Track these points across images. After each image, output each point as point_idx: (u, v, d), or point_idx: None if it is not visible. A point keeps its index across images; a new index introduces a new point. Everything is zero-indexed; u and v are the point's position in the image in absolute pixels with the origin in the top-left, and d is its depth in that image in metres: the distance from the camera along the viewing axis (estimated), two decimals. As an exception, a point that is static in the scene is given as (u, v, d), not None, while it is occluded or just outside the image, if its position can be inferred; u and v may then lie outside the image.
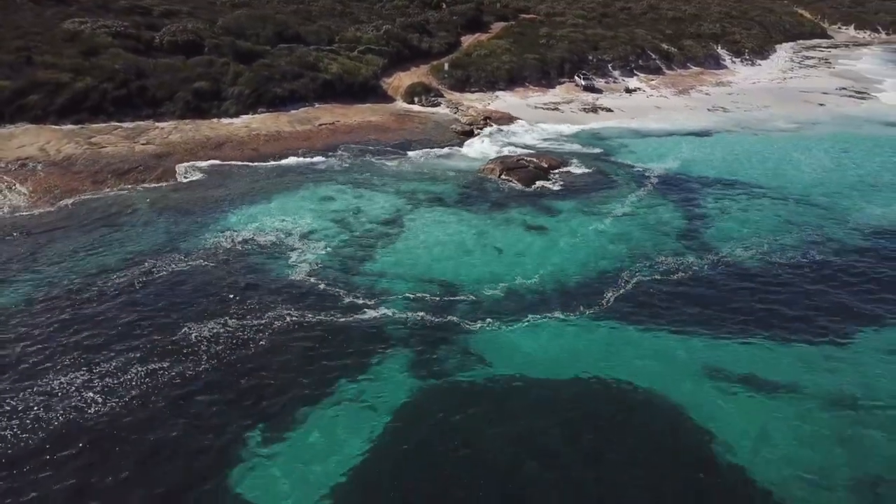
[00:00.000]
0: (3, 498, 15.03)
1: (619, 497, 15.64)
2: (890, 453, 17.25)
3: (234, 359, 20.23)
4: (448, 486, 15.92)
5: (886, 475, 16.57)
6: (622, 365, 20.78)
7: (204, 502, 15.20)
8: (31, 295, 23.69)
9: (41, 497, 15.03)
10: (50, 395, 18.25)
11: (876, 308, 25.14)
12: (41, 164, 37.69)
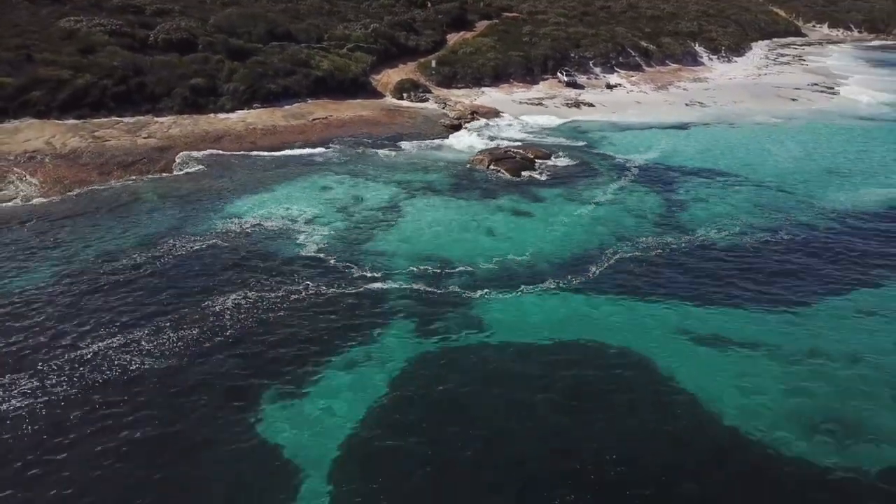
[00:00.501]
0: (62, 436, 17.07)
1: (596, 437, 17.92)
2: (833, 399, 19.81)
3: (256, 324, 22.41)
4: (447, 425, 18.12)
5: (829, 416, 19.09)
6: (605, 328, 23.24)
7: (235, 441, 17.31)
8: (60, 272, 25.64)
9: (96, 433, 17.08)
10: (92, 356, 20.29)
11: (832, 280, 27.86)
12: (49, 157, 39.43)
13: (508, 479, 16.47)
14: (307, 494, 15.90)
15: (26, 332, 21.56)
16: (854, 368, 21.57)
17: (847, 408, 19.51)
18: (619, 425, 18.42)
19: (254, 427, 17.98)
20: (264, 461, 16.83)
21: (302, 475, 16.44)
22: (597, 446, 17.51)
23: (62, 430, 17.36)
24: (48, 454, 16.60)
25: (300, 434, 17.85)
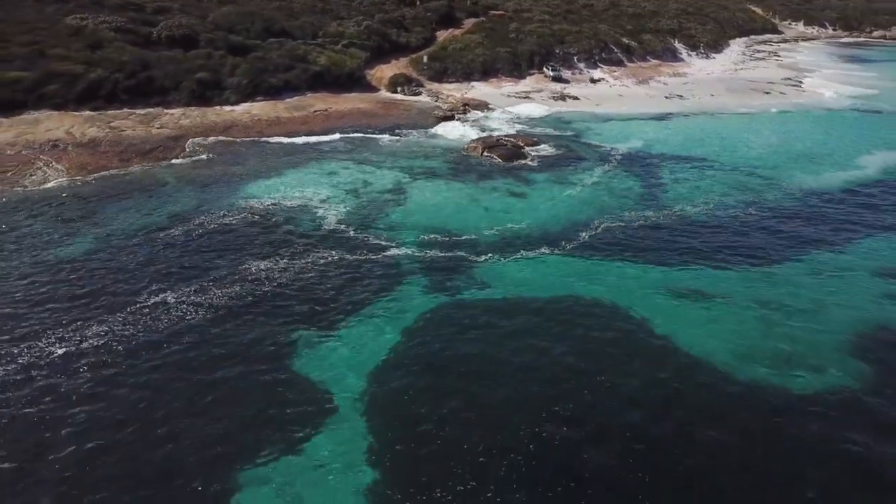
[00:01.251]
0: (131, 374, 20.35)
1: (584, 367, 21.40)
2: (780, 338, 23.52)
3: (289, 283, 25.76)
4: (454, 363, 21.50)
5: (775, 350, 22.79)
6: (593, 285, 26.87)
7: (273, 377, 20.60)
8: (103, 242, 28.80)
9: (160, 365, 20.34)
10: (150, 308, 23.55)
11: (791, 246, 31.70)
12: (70, 146, 42.40)
13: (502, 394, 19.94)
14: (338, 414, 19.17)
15: (86, 291, 24.77)
16: (800, 315, 25.31)
17: (791, 345, 23.22)
18: (603, 358, 21.98)
19: (291, 363, 21.28)
20: (301, 388, 20.10)
21: (333, 399, 19.70)
22: (583, 373, 21.05)
23: (135, 365, 20.60)
24: (134, 376, 19.86)
25: (330, 368, 21.09)
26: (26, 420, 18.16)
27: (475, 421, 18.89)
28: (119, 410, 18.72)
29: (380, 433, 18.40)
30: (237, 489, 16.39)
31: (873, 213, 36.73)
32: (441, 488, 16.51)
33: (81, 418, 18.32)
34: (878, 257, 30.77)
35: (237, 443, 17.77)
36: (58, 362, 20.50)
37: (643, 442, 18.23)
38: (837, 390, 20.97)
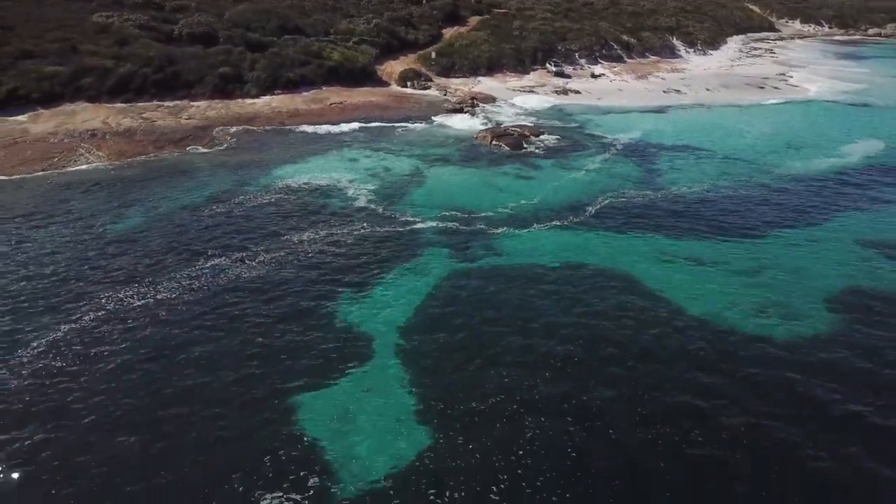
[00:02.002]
0: (202, 320, 23.83)
1: (586, 320, 24.80)
2: (759, 295, 26.98)
3: (328, 250, 29.27)
4: (466, 325, 24.78)
5: (774, 305, 26.30)
6: (597, 251, 30.40)
7: (322, 322, 24.06)
8: (151, 217, 32.31)
9: (229, 314, 23.81)
10: (209, 270, 27.08)
11: (775, 222, 35.14)
12: (108, 134, 45.92)
13: (514, 335, 23.42)
14: (376, 353, 22.53)
15: (151, 255, 28.30)
16: (780, 276, 28.79)
17: (768, 299, 26.73)
18: (604, 310, 25.47)
19: (335, 313, 24.74)
20: (343, 330, 23.57)
21: (372, 342, 23.08)
22: (585, 322, 24.53)
23: (204, 313, 24.09)
24: (204, 321, 23.35)
25: (368, 318, 24.47)
26: (125, 348, 21.66)
27: (490, 355, 22.37)
28: (197, 346, 22.22)
29: (411, 366, 21.82)
30: (302, 406, 19.82)
31: (853, 194, 40.34)
32: (459, 404, 19.97)
33: (170, 345, 21.83)
34: (854, 230, 34.37)
35: (297, 372, 21.23)
36: (139, 311, 24.02)
37: (634, 373, 21.75)
38: (807, 337, 24.48)
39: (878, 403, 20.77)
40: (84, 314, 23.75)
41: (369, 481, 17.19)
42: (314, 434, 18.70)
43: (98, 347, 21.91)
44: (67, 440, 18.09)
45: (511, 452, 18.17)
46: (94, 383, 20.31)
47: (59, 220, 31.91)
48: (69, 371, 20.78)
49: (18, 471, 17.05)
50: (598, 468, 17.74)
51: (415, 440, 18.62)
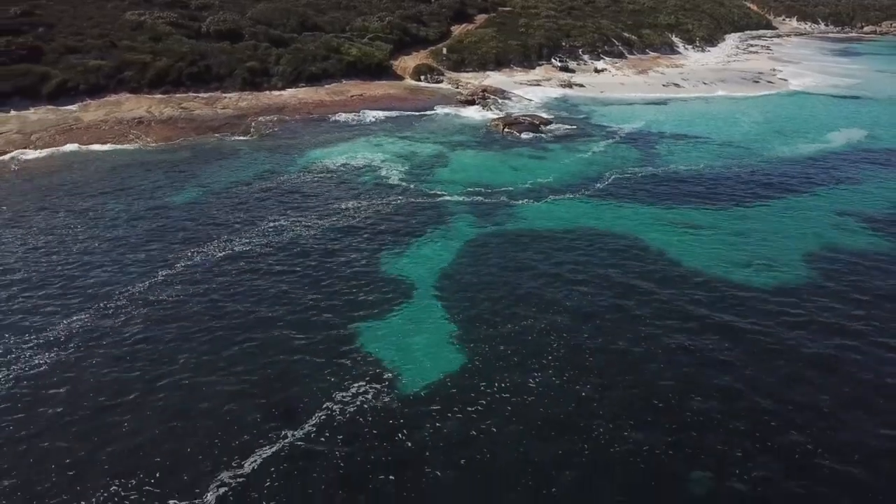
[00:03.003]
0: (274, 265, 28.60)
1: (597, 270, 29.50)
2: (745, 251, 31.84)
3: (371, 216, 34.09)
4: (494, 275, 29.40)
5: (757, 259, 31.05)
6: (606, 218, 35.23)
7: (373, 270, 28.75)
8: (206, 191, 37.11)
9: (296, 263, 28.52)
10: (272, 229, 31.89)
11: (761, 195, 40.01)
12: (153, 122, 50.76)
13: (535, 283, 28.14)
14: (418, 296, 27.07)
15: (219, 219, 33.13)
16: (764, 238, 33.58)
17: (753, 255, 31.53)
18: (614, 263, 30.28)
19: (383, 262, 29.51)
20: (378, 281, 28.17)
21: (414, 287, 27.65)
22: (596, 272, 29.30)
23: (274, 262, 28.89)
24: (274, 266, 28.10)
25: (409, 270, 29.07)
26: (209, 291, 26.44)
27: (514, 295, 27.11)
28: (274, 286, 27.00)
29: (449, 303, 26.41)
30: (360, 334, 24.41)
31: (832, 173, 45.26)
32: (490, 328, 24.69)
33: (245, 289, 26.62)
34: (831, 202, 39.26)
35: (352, 308, 25.91)
36: (222, 259, 28.88)
37: (637, 308, 26.51)
38: (784, 284, 29.27)
39: (842, 341, 25.51)
40: (175, 263, 28.54)
41: (425, 382, 21.86)
42: (379, 350, 23.41)
43: (194, 286, 26.69)
44: (192, 338, 22.80)
45: (536, 361, 22.89)
46: (199, 307, 25.08)
47: (131, 193, 36.70)
48: (175, 300, 25.56)
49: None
50: (602, 366, 22.49)
51: (457, 354, 23.34)
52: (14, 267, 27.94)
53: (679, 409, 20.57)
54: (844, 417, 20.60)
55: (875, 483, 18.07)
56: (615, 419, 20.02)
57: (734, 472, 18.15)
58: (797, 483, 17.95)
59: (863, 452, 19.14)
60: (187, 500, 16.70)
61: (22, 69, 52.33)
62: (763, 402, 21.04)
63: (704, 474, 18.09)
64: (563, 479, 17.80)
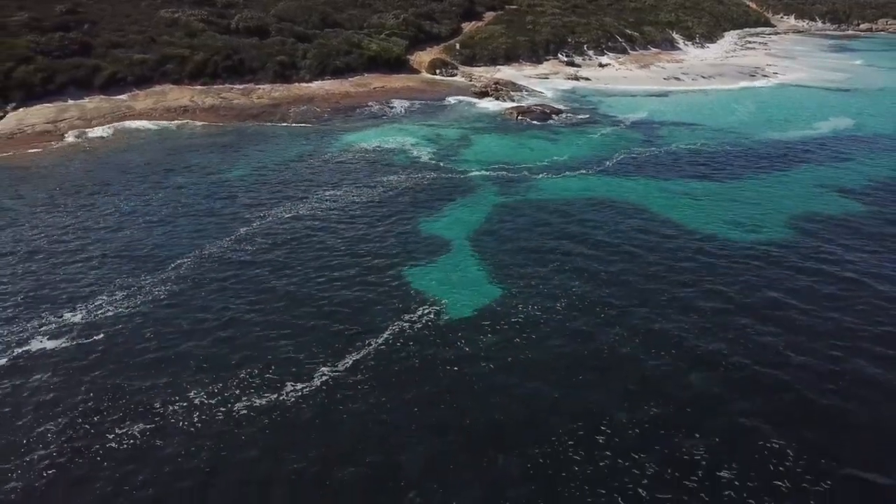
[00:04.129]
0: (335, 223, 33.98)
1: (607, 230, 34.90)
2: (737, 213, 37.27)
3: (411, 188, 39.49)
4: (520, 232, 34.68)
5: (748, 221, 36.40)
6: (616, 190, 40.65)
7: (415, 228, 34.04)
8: (258, 167, 42.52)
9: (349, 222, 33.90)
10: (329, 196, 37.28)
11: (753, 168, 45.63)
12: (197, 110, 56.20)
13: (551, 242, 33.50)
14: (454, 248, 32.30)
15: (277, 188, 38.55)
16: (755, 204, 39.03)
17: (744, 219, 36.97)
18: (623, 224, 35.68)
19: (422, 222, 34.89)
20: (420, 238, 33.45)
21: (451, 242, 32.91)
22: (606, 232, 34.72)
23: (336, 221, 34.28)
24: (337, 224, 33.45)
25: (445, 229, 34.36)
26: (284, 243, 31.80)
27: (535, 249, 32.41)
28: (338, 240, 32.39)
29: (480, 255, 31.63)
30: (414, 276, 29.58)
31: (818, 153, 50.76)
32: (515, 273, 29.99)
33: (314, 241, 32.00)
34: (814, 177, 44.71)
35: (405, 257, 31.19)
36: (290, 219, 34.35)
37: (643, 259, 31.84)
38: (769, 242, 34.64)
39: (815, 277, 30.92)
40: (251, 222, 33.96)
41: (473, 307, 27.13)
42: (431, 286, 28.68)
43: (272, 238, 32.09)
44: (282, 274, 28.11)
45: (560, 292, 28.18)
46: (279, 254, 30.45)
47: (194, 169, 42.11)
48: (258, 249, 30.92)
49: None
50: (616, 295, 27.82)
51: (495, 288, 28.51)
52: (117, 225, 33.32)
53: (675, 321, 25.94)
54: (810, 326, 26.01)
55: (844, 405, 23.42)
56: (628, 330, 25.37)
57: (721, 368, 23.53)
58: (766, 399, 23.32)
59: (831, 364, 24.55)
60: (301, 383, 21.98)
61: (75, 62, 57.70)
62: (742, 318, 26.43)
63: (701, 374, 23.39)
64: (586, 368, 23.13)
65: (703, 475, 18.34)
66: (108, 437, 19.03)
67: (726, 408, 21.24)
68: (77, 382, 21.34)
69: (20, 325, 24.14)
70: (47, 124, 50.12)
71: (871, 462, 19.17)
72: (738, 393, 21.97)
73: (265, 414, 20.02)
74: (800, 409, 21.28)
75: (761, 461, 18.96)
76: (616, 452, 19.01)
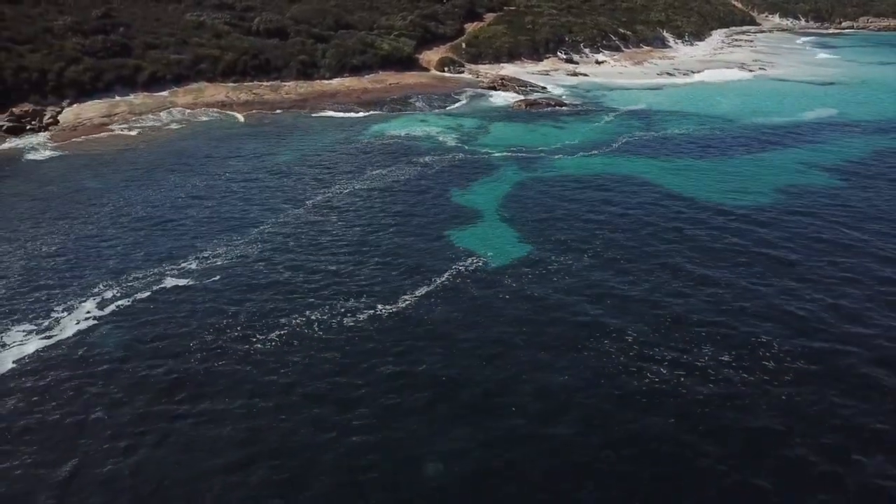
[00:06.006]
0: (380, 199, 39.96)
1: (612, 196, 41.06)
2: (725, 184, 43.59)
3: (440, 169, 45.57)
4: (543, 201, 40.74)
5: (738, 189, 42.70)
6: (623, 167, 46.89)
7: (450, 201, 40.05)
8: (300, 154, 48.51)
9: (398, 196, 39.85)
10: (377, 175, 43.28)
11: (739, 149, 52.05)
12: (234, 104, 62.05)
13: (568, 207, 39.61)
14: (481, 216, 38.28)
15: (328, 170, 44.55)
16: (742, 177, 45.32)
17: (734, 187, 43.25)
18: (626, 193, 41.83)
19: (454, 197, 40.88)
20: (456, 207, 39.38)
21: (480, 211, 38.79)
22: (612, 198, 40.87)
23: (384, 197, 40.27)
24: (383, 200, 39.37)
25: (474, 201, 40.27)
26: (344, 209, 37.73)
27: (555, 216, 38.51)
28: (390, 209, 38.35)
29: (507, 220, 37.70)
30: (455, 237, 35.48)
31: (799, 137, 57.29)
32: (539, 234, 36.03)
33: (371, 209, 37.96)
34: (796, 155, 51.19)
35: (445, 223, 37.15)
36: (347, 194, 40.35)
37: (645, 219, 38.00)
38: (755, 206, 40.93)
39: (798, 247, 37.22)
40: (311, 198, 39.89)
41: (508, 259, 32.98)
42: (471, 244, 34.57)
43: (332, 211, 38.03)
44: (345, 234, 34.03)
45: (581, 248, 34.16)
46: (342, 219, 36.39)
47: (240, 157, 47.96)
48: (323, 218, 36.83)
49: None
50: (627, 248, 33.90)
51: (525, 245, 34.33)
52: (196, 204, 39.19)
53: (681, 259, 32.10)
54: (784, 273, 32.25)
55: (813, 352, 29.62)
56: (638, 276, 31.41)
57: (719, 313, 29.70)
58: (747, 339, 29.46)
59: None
60: (389, 305, 27.84)
61: (118, 62, 63.41)
62: (719, 272, 32.68)
63: (692, 296, 29.48)
64: (601, 308, 29.19)
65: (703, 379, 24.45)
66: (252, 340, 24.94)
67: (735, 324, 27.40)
68: (203, 302, 27.23)
69: (152, 270, 30.01)
70: (103, 118, 55.82)
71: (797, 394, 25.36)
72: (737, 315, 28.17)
73: (366, 324, 25.96)
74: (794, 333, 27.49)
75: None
76: (632, 356, 25.09)
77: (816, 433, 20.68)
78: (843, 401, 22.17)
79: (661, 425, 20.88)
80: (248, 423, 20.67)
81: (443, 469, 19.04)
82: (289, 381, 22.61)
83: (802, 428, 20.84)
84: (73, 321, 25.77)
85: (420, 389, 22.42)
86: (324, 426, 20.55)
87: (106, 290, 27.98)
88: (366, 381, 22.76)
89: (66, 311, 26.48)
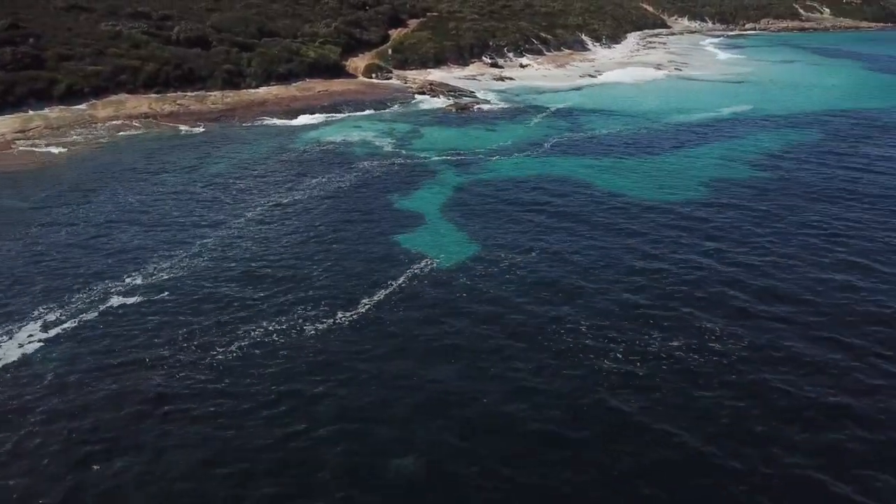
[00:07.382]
0: (323, 201, 39.90)
1: (551, 196, 42.43)
2: (661, 182, 45.68)
3: (381, 174, 45.73)
4: (484, 203, 41.65)
5: (668, 186, 44.77)
6: (556, 166, 48.31)
7: (393, 206, 40.40)
8: (237, 165, 47.86)
9: (337, 200, 39.88)
10: (316, 183, 43.09)
11: (663, 146, 54.58)
12: (158, 116, 60.47)
13: (508, 209, 40.68)
14: (427, 220, 38.74)
15: (266, 181, 44.10)
16: (670, 173, 47.58)
17: (664, 183, 45.28)
18: (564, 192, 43.23)
19: (397, 201, 41.23)
20: (401, 211, 39.77)
21: (424, 215, 39.30)
22: (550, 197, 42.20)
23: (322, 203, 40.21)
24: (330, 204, 39.33)
25: (416, 205, 40.78)
26: (291, 216, 37.47)
27: (496, 215, 39.45)
28: (337, 216, 38.33)
29: (452, 222, 38.46)
30: (402, 241, 35.80)
31: (718, 132, 60.46)
32: (483, 234, 36.92)
33: (311, 220, 37.84)
34: (716, 150, 53.97)
35: (390, 228, 37.43)
36: (288, 204, 40.08)
37: (581, 216, 39.40)
38: (683, 200, 42.98)
39: (721, 228, 39.32)
40: (253, 208, 39.43)
41: (457, 260, 33.58)
42: (420, 248, 35.02)
43: (270, 220, 37.70)
44: (301, 243, 33.85)
45: (524, 247, 35.12)
46: (282, 229, 36.14)
47: (171, 171, 46.90)
48: (283, 216, 36.47)
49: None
50: (565, 243, 35.14)
51: (472, 246, 34.94)
52: (132, 220, 38.09)
53: (616, 248, 33.47)
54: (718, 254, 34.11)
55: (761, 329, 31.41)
56: (584, 269, 32.66)
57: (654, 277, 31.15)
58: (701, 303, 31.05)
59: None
60: (349, 311, 27.95)
61: (31, 75, 60.72)
62: (661, 251, 34.32)
63: (634, 283, 30.84)
64: (554, 300, 30.18)
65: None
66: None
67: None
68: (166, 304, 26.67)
69: (95, 289, 29.08)
70: (16, 133, 53.35)
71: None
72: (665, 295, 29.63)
73: (330, 332, 25.98)
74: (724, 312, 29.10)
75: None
76: (587, 343, 26.11)
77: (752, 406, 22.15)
78: (781, 376, 23.77)
79: (623, 409, 21.86)
80: (215, 431, 20.47)
81: (409, 463, 19.42)
82: (251, 391, 22.44)
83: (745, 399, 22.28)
84: (15, 345, 24.76)
85: (389, 389, 22.71)
86: (290, 430, 20.60)
87: (47, 312, 26.94)
88: (333, 384, 22.85)
89: (5, 335, 25.38)
